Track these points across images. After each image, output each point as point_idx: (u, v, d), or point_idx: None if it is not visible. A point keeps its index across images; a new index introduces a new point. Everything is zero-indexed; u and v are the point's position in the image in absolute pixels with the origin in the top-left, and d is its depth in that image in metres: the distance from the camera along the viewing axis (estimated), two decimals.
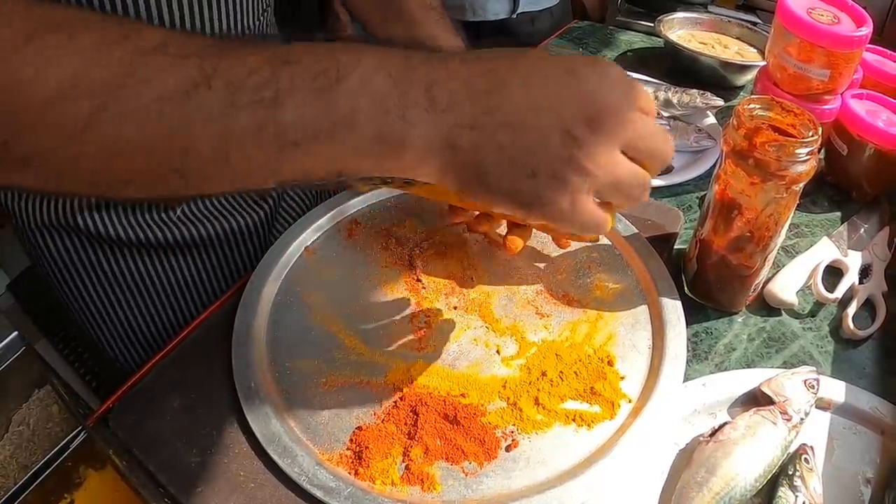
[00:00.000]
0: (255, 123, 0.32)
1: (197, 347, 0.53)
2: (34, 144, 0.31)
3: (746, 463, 0.45)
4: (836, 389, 0.51)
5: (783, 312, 0.59)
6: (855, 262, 0.62)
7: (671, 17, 1.00)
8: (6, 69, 0.29)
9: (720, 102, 0.82)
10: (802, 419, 0.48)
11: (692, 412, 0.50)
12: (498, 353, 0.52)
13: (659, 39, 1.00)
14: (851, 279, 0.61)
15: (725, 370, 0.54)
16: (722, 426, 0.48)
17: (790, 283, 0.60)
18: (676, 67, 0.95)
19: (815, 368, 0.51)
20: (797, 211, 0.62)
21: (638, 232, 0.61)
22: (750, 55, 0.95)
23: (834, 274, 0.62)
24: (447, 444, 0.46)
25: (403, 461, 0.45)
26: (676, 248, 0.64)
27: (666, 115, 0.80)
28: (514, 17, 1.28)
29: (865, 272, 0.62)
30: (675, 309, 0.54)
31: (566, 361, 0.51)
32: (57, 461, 0.90)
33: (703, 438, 0.47)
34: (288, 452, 0.45)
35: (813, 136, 0.48)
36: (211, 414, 0.48)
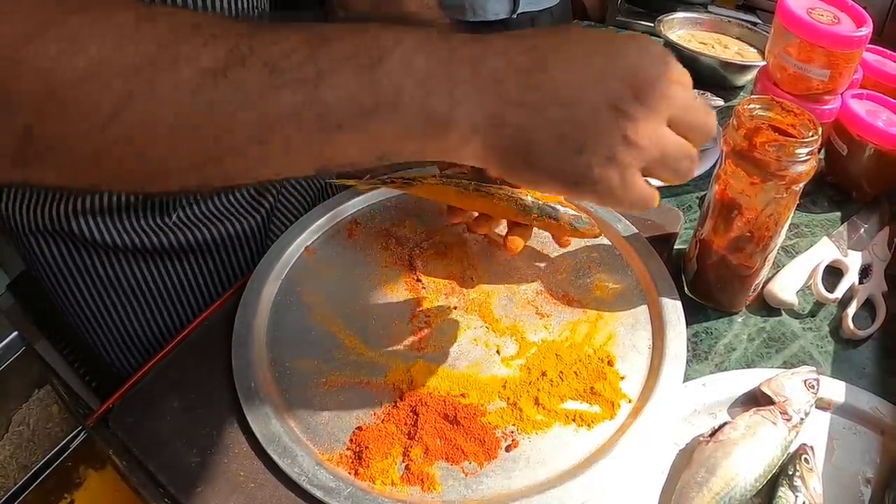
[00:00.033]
0: (295, 104, 0.30)
1: (197, 347, 0.53)
2: (60, 131, 0.29)
3: (746, 463, 0.45)
4: (836, 389, 0.51)
5: (783, 312, 0.59)
6: (855, 262, 0.62)
7: (671, 17, 1.00)
8: (31, 50, 0.28)
9: (720, 102, 0.82)
10: (802, 419, 0.48)
11: (692, 412, 0.50)
12: (498, 353, 0.52)
13: (659, 39, 0.99)
14: (851, 279, 0.61)
15: (725, 370, 0.54)
16: (722, 426, 0.48)
17: (790, 283, 0.60)
18: None
19: (815, 368, 0.51)
20: (797, 211, 0.62)
21: (638, 232, 0.61)
22: (750, 55, 0.95)
23: (834, 274, 0.62)
24: (447, 444, 0.46)
25: (403, 461, 0.45)
26: (676, 248, 0.63)
27: None
28: (514, 17, 1.28)
29: (865, 272, 0.62)
30: (675, 309, 0.54)
31: (566, 361, 0.51)
32: (57, 461, 0.90)
33: (703, 438, 0.47)
34: (288, 452, 0.45)
35: (813, 136, 0.48)
36: (211, 414, 0.48)
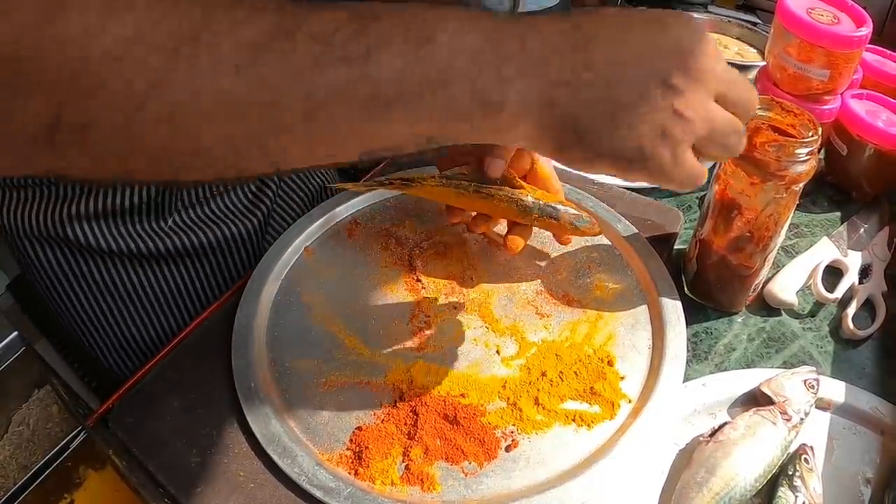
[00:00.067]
0: (344, 81, 0.29)
1: (197, 348, 0.53)
2: (91, 112, 0.27)
3: (746, 463, 0.45)
4: (835, 389, 0.51)
5: (783, 312, 0.59)
6: (855, 262, 0.62)
7: None
8: (60, 25, 0.26)
9: None
10: (802, 419, 0.48)
11: (692, 412, 0.50)
12: (498, 353, 0.52)
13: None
14: (851, 279, 0.61)
15: (725, 370, 0.54)
16: (722, 426, 0.48)
17: (790, 283, 0.60)
18: None
19: (814, 368, 0.51)
20: (797, 211, 0.62)
21: (638, 232, 0.61)
22: (750, 55, 0.95)
23: (834, 274, 0.62)
24: (447, 444, 0.46)
25: (403, 461, 0.45)
26: (676, 248, 0.64)
27: None
28: None
29: (865, 272, 0.62)
30: (674, 309, 0.54)
31: (566, 361, 0.51)
32: (57, 461, 0.90)
33: (702, 438, 0.47)
34: (288, 452, 0.45)
35: (813, 136, 0.48)
36: (211, 414, 0.48)
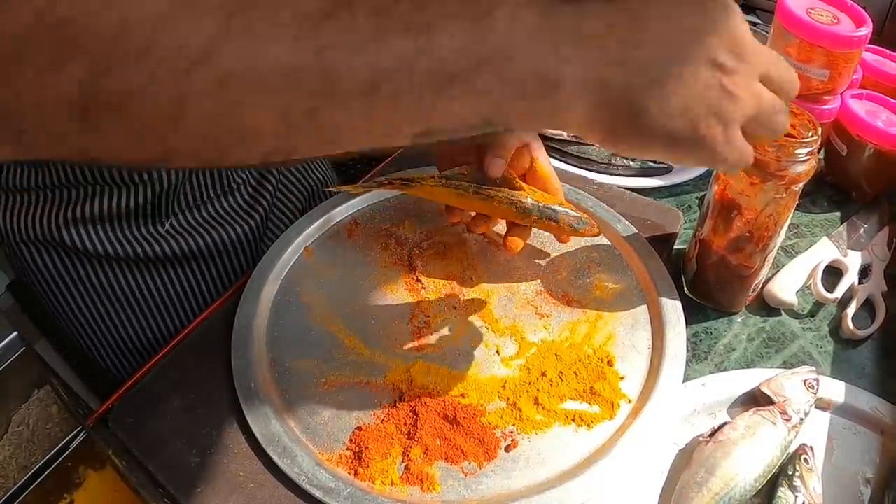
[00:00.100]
0: (405, 53, 0.29)
1: (196, 348, 0.53)
2: (136, 78, 0.26)
3: (746, 463, 0.45)
4: (835, 389, 0.51)
5: (783, 312, 0.59)
6: (854, 262, 0.62)
7: None
8: None
9: None
10: (802, 419, 0.48)
11: (692, 412, 0.50)
12: (497, 353, 0.52)
13: None
14: (851, 279, 0.61)
15: (725, 370, 0.54)
16: (721, 426, 0.48)
17: (790, 283, 0.60)
18: None
19: (814, 368, 0.51)
20: (797, 211, 0.62)
21: (637, 232, 0.61)
22: None
23: (833, 274, 0.62)
24: (447, 444, 0.46)
25: (403, 461, 0.45)
26: (676, 248, 0.63)
27: None
28: None
29: (865, 272, 0.62)
30: (674, 309, 0.54)
31: (566, 362, 0.51)
32: (56, 461, 0.90)
33: (702, 439, 0.47)
34: (287, 453, 0.45)
35: (812, 136, 0.48)
36: (210, 414, 0.48)
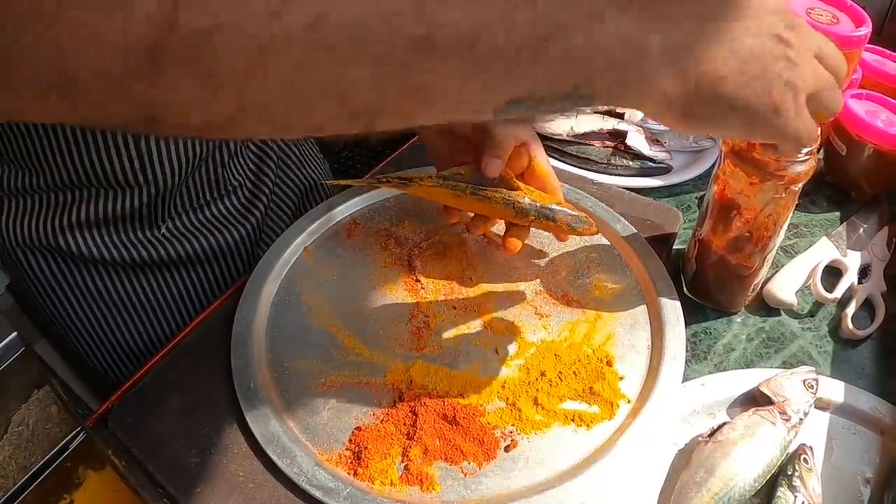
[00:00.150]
0: (506, 7, 0.29)
1: (196, 348, 0.53)
2: (217, 15, 0.24)
3: (745, 463, 0.45)
4: (835, 389, 0.51)
5: (782, 312, 0.59)
6: (854, 262, 0.62)
7: None
8: None
9: None
10: (801, 419, 0.48)
11: (691, 412, 0.50)
12: (497, 353, 0.52)
13: None
14: (850, 279, 0.61)
15: (724, 370, 0.54)
16: (721, 426, 0.48)
17: (789, 283, 0.60)
18: None
19: (814, 368, 0.51)
20: (796, 211, 0.62)
21: (637, 232, 0.61)
22: None
23: (833, 274, 0.62)
24: (446, 444, 0.46)
25: (402, 461, 0.45)
26: (675, 248, 0.63)
27: None
28: None
29: (864, 272, 0.62)
30: (674, 309, 0.54)
31: (565, 362, 0.51)
32: (56, 462, 0.90)
33: (701, 439, 0.47)
34: (287, 453, 0.45)
35: None
36: (210, 414, 0.48)
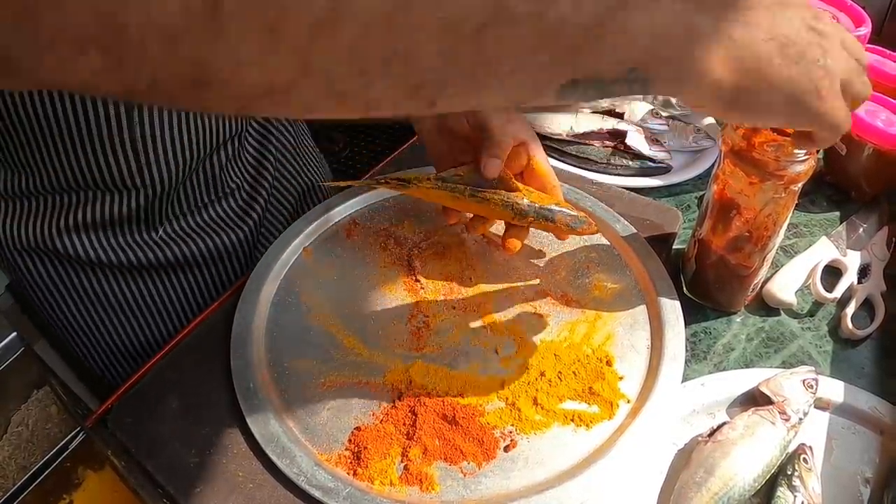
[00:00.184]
0: None
1: (195, 348, 0.53)
2: None
3: (745, 463, 0.45)
4: (834, 389, 0.51)
5: (782, 312, 0.59)
6: (854, 261, 0.62)
7: None
8: None
9: None
10: (801, 419, 0.48)
11: (691, 412, 0.50)
12: (496, 353, 0.52)
13: None
14: (850, 279, 0.61)
15: (724, 370, 0.54)
16: (720, 426, 0.48)
17: (789, 282, 0.60)
18: None
19: (813, 368, 0.51)
20: (796, 211, 0.62)
21: (636, 232, 0.61)
22: None
23: (833, 274, 0.62)
24: (446, 444, 0.46)
25: (402, 461, 0.45)
26: (675, 248, 0.63)
27: (665, 114, 0.80)
28: None
29: (864, 272, 0.62)
30: (673, 309, 0.54)
31: (565, 361, 0.51)
32: (56, 462, 0.90)
33: (701, 438, 0.47)
34: (286, 453, 0.45)
35: None
36: (209, 414, 0.48)
